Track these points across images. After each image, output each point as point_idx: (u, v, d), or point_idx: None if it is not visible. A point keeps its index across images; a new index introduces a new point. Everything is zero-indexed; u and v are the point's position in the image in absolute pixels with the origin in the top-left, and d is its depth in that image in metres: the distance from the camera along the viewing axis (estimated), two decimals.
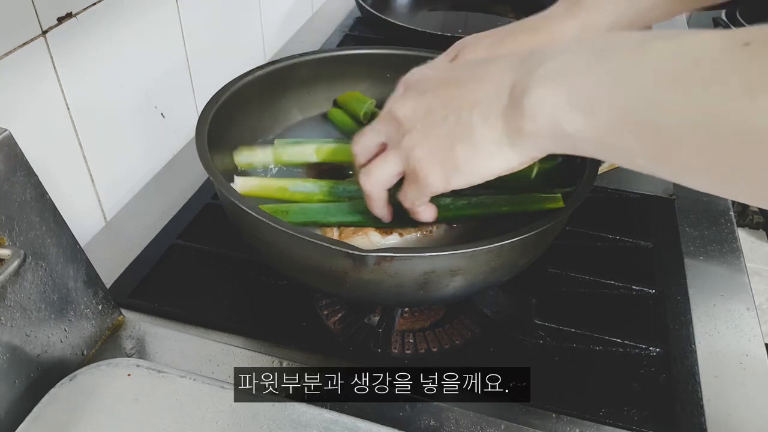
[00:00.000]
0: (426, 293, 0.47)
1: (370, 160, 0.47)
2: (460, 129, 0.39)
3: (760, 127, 0.27)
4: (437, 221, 0.53)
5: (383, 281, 0.45)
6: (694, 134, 0.29)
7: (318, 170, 0.61)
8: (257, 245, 0.51)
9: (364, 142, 0.47)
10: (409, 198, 0.45)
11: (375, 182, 0.46)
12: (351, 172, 0.59)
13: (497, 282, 0.51)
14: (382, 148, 0.46)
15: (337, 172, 0.60)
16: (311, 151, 0.61)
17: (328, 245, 0.44)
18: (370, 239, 0.52)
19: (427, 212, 0.47)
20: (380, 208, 0.49)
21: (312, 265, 0.47)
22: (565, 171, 0.58)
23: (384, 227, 0.53)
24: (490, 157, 0.39)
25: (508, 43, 0.52)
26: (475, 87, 0.40)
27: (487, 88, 0.39)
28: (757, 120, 0.27)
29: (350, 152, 0.49)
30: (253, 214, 0.46)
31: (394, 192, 0.48)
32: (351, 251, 0.43)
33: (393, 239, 0.52)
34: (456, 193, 0.54)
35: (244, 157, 0.60)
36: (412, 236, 0.53)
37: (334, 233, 0.53)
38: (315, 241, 0.44)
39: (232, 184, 0.55)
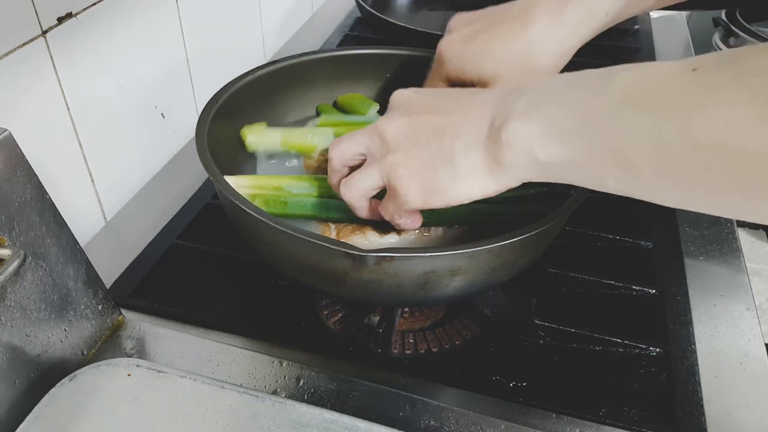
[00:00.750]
0: (426, 293, 0.47)
1: (348, 168, 0.49)
2: (443, 155, 0.42)
3: (705, 140, 0.29)
4: (437, 224, 0.53)
5: (383, 281, 0.45)
6: (654, 151, 0.32)
7: (316, 167, 0.62)
8: (257, 245, 0.51)
9: (342, 149, 0.48)
10: (388, 212, 0.47)
11: (355, 193, 0.48)
12: None
13: (497, 282, 0.51)
14: (359, 159, 0.48)
15: None
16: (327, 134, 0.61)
17: (328, 245, 0.44)
18: (368, 238, 0.52)
19: (409, 222, 0.49)
20: (364, 215, 0.50)
21: (312, 265, 0.47)
22: None
23: (382, 226, 0.53)
24: (468, 183, 0.42)
25: (481, 39, 0.53)
26: (457, 118, 0.42)
27: (468, 121, 0.42)
28: (704, 133, 0.29)
29: None
30: (253, 214, 0.46)
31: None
32: (351, 251, 0.43)
33: (391, 238, 0.52)
34: None
35: (252, 138, 0.61)
36: (410, 235, 0.53)
37: (331, 232, 0.53)
38: (315, 241, 0.44)
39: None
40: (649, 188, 0.34)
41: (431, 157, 0.42)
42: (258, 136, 0.61)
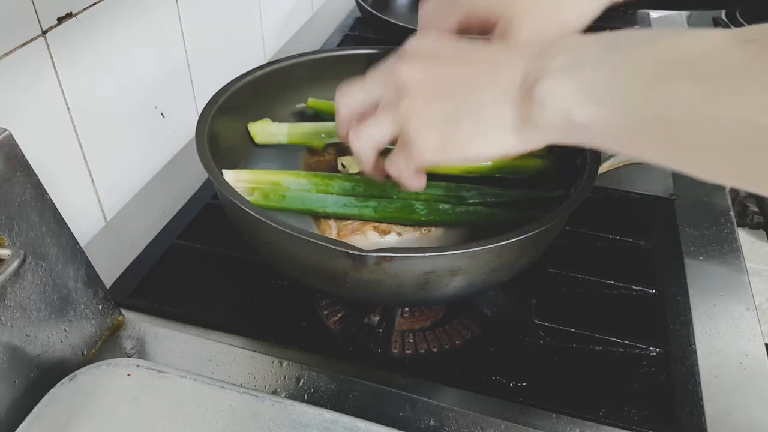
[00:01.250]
0: (426, 293, 0.47)
1: (355, 119, 0.45)
2: (468, 107, 0.39)
3: (749, 119, 0.28)
4: (434, 224, 0.53)
5: (383, 281, 0.45)
6: (700, 123, 0.30)
7: (315, 164, 0.62)
8: (257, 245, 0.51)
9: (350, 99, 0.45)
10: (396, 165, 0.44)
11: (365, 143, 0.44)
12: (343, 165, 0.59)
13: (497, 282, 0.51)
14: (370, 108, 0.44)
15: (332, 167, 0.61)
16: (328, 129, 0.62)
17: (328, 245, 0.44)
18: (368, 239, 0.52)
19: (415, 181, 0.45)
20: (370, 169, 0.47)
21: (312, 265, 0.47)
22: (563, 173, 0.58)
23: (382, 224, 0.53)
24: (492, 137, 0.39)
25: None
26: (486, 70, 0.39)
27: (498, 74, 0.39)
28: (746, 113, 0.28)
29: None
30: (253, 213, 0.46)
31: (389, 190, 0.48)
32: (351, 251, 0.43)
33: (391, 239, 0.52)
34: (456, 201, 0.54)
35: (258, 128, 0.63)
36: (410, 236, 0.53)
37: (332, 232, 0.53)
38: (315, 241, 0.44)
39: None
40: (688, 159, 0.32)
41: (455, 108, 0.39)
42: (264, 129, 0.63)
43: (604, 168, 0.53)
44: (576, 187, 0.52)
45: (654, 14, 1.19)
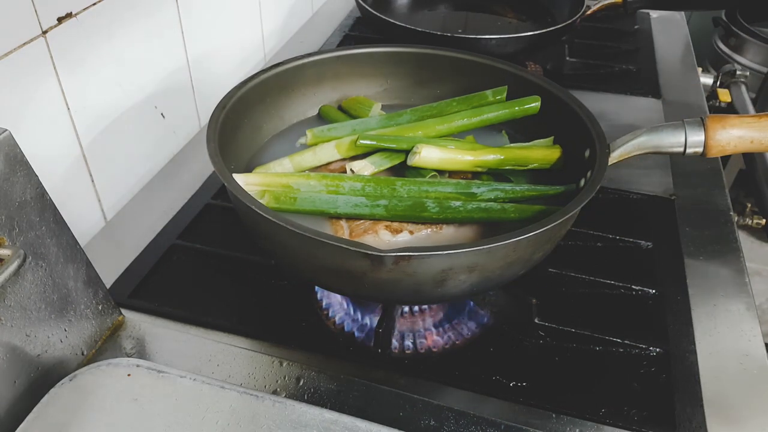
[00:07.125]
0: (443, 290, 0.47)
1: None
2: None
3: None
4: (446, 221, 0.53)
5: (402, 280, 0.45)
6: None
7: (323, 168, 0.62)
8: (272, 248, 0.50)
9: None
10: None
11: None
12: (352, 170, 0.59)
13: (513, 276, 0.51)
14: None
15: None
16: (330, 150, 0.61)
17: (346, 246, 0.43)
18: (380, 238, 0.52)
19: None
20: None
21: (329, 267, 0.47)
22: (571, 165, 0.58)
23: (394, 223, 0.53)
24: None
25: None
26: None
27: None
28: None
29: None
30: (271, 218, 0.45)
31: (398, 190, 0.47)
32: (369, 252, 0.43)
33: (403, 237, 0.53)
34: (466, 198, 0.55)
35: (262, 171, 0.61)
36: (422, 233, 0.53)
37: (344, 232, 0.53)
38: (333, 243, 0.44)
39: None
40: None
41: None
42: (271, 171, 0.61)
43: (613, 159, 0.53)
44: (586, 179, 0.52)
45: (654, 14, 1.19)
